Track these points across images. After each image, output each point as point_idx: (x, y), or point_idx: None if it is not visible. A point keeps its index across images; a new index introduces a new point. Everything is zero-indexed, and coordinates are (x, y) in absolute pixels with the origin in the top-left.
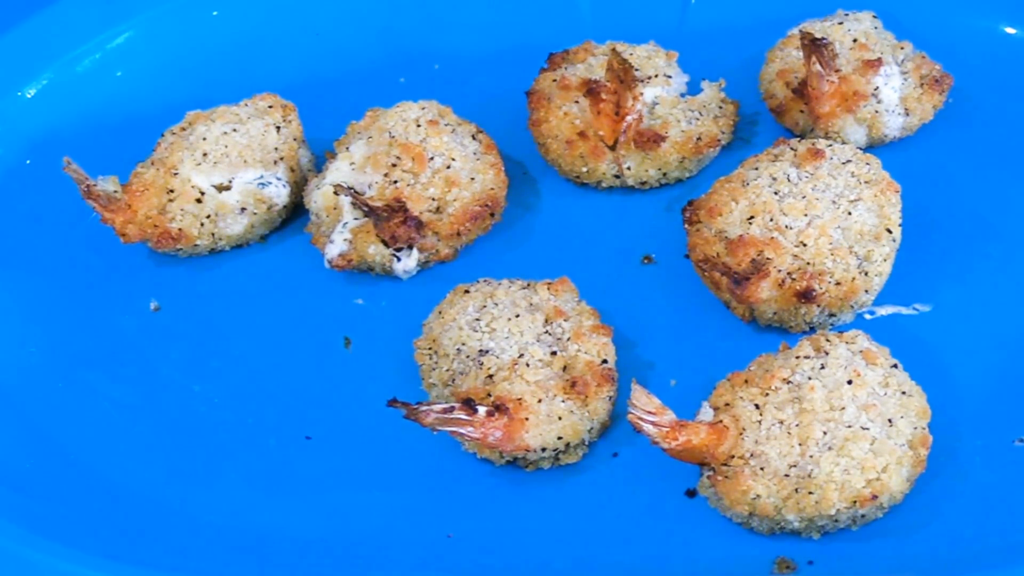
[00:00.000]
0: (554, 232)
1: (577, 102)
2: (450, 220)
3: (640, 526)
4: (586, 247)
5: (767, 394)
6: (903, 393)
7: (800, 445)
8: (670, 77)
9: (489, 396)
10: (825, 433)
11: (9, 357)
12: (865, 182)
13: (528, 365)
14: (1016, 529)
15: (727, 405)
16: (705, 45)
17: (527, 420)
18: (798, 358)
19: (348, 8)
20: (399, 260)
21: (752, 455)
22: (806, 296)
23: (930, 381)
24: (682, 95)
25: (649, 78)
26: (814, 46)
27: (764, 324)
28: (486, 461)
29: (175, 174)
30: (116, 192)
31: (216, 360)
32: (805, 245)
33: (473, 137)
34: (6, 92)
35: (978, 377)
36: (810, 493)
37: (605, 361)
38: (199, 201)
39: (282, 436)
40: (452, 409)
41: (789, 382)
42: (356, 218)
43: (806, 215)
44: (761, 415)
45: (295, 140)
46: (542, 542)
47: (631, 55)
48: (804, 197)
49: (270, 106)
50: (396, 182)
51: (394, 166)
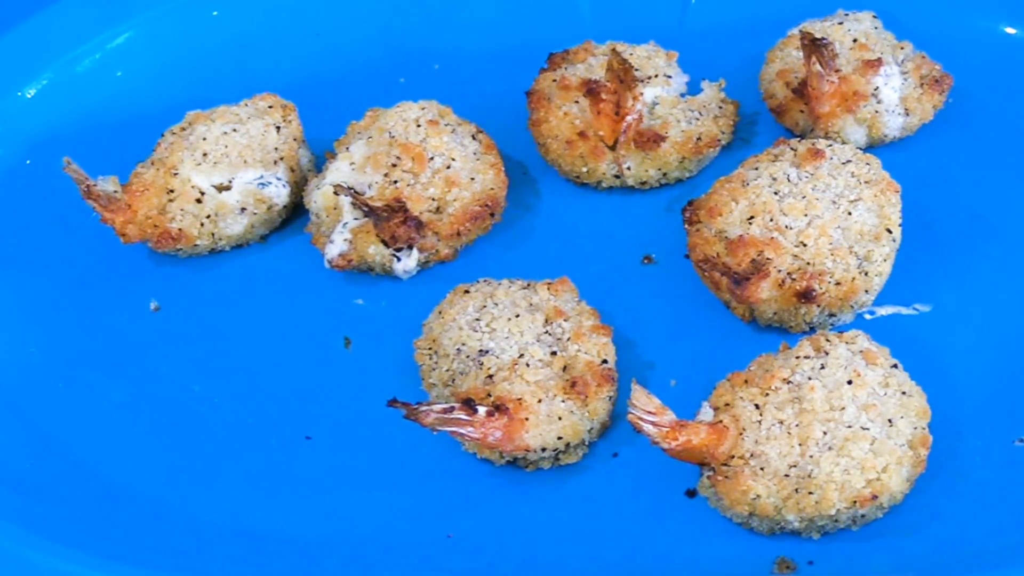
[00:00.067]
0: (554, 232)
1: (577, 102)
2: (450, 220)
3: (640, 526)
4: (586, 247)
5: (767, 394)
6: (903, 393)
7: (800, 445)
8: (670, 77)
9: (489, 396)
10: (825, 433)
11: (9, 357)
12: (865, 182)
13: (528, 365)
14: (1016, 529)
15: (727, 405)
16: (705, 45)
17: (527, 420)
18: (798, 358)
19: (348, 8)
20: (399, 260)
21: (752, 455)
22: (806, 296)
23: (930, 381)
24: (682, 95)
25: (649, 78)
26: (814, 46)
27: (764, 324)
28: (486, 461)
29: (175, 174)
30: (116, 192)
31: (216, 360)
32: (805, 245)
33: (473, 137)
34: (6, 92)
35: (978, 377)
36: (810, 493)
37: (605, 361)
38: (199, 201)
39: (282, 436)
40: (452, 409)
41: (789, 382)
42: (356, 218)
43: (806, 215)
44: (761, 415)
45: (295, 140)
46: (542, 542)
47: (631, 55)
48: (804, 197)
49: (270, 106)
50: (396, 182)
51: (394, 166)
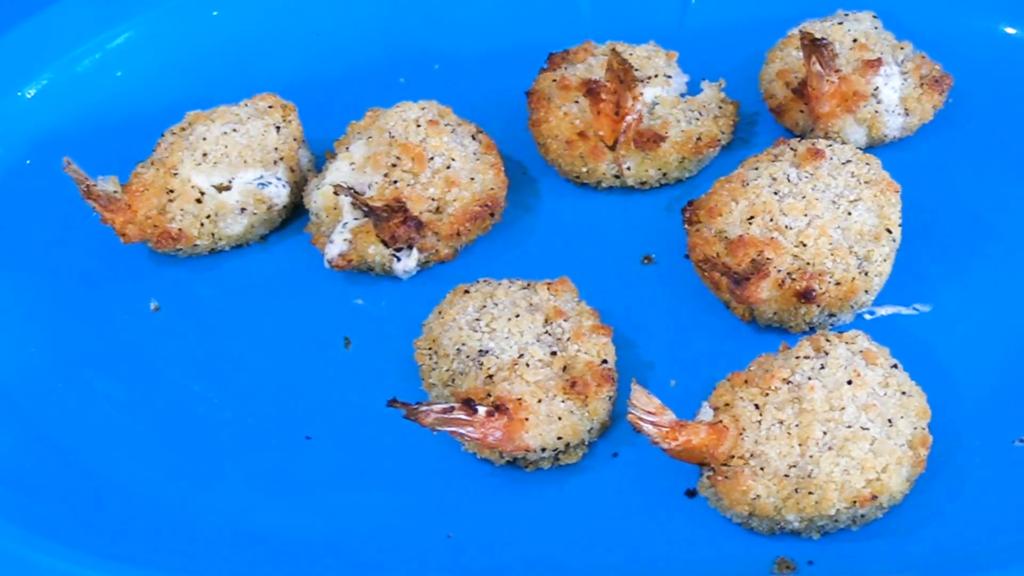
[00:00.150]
0: (554, 232)
1: (577, 102)
2: (450, 220)
3: (640, 526)
4: (586, 247)
5: (767, 394)
6: (903, 393)
7: (800, 445)
8: (670, 77)
9: (489, 396)
10: (825, 433)
11: (9, 357)
12: (865, 182)
13: (528, 365)
14: (1016, 529)
15: (727, 405)
16: (705, 45)
17: (527, 420)
18: (798, 358)
19: (348, 8)
20: (399, 260)
21: (752, 455)
22: (806, 296)
23: (930, 381)
24: (682, 95)
25: (649, 78)
26: (814, 46)
27: (764, 324)
28: (486, 461)
29: (175, 174)
30: (116, 192)
31: (216, 360)
32: (805, 245)
33: (473, 137)
34: (6, 92)
35: (978, 377)
36: (810, 493)
37: (605, 361)
38: (199, 201)
39: (282, 436)
40: (452, 409)
41: (789, 382)
42: (356, 218)
43: (806, 215)
44: (761, 415)
45: (295, 140)
46: (542, 542)
47: (631, 55)
48: (804, 197)
49: (270, 106)
50: (396, 182)
51: (394, 166)
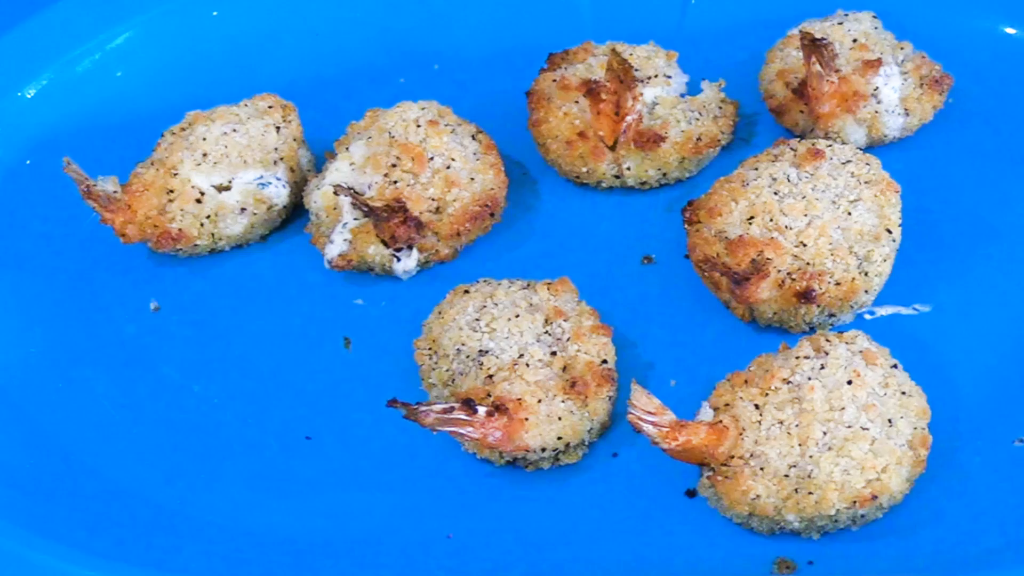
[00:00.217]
0: (554, 232)
1: (577, 102)
2: (450, 220)
3: (640, 526)
4: (586, 247)
5: (767, 394)
6: (903, 393)
7: (800, 445)
8: (670, 77)
9: (489, 396)
10: (825, 433)
11: (9, 357)
12: (865, 182)
13: (528, 365)
14: (1016, 529)
15: (727, 405)
16: (705, 45)
17: (527, 420)
18: (798, 358)
19: (348, 8)
20: (399, 260)
21: (752, 455)
22: (806, 296)
23: (930, 381)
24: (682, 95)
25: (649, 78)
26: (814, 46)
27: (764, 324)
28: (486, 461)
29: (175, 174)
30: (116, 192)
31: (216, 360)
32: (805, 245)
33: (473, 137)
34: (6, 92)
35: (978, 377)
36: (810, 493)
37: (605, 361)
38: (199, 201)
39: (282, 436)
40: (452, 409)
41: (789, 382)
42: (356, 218)
43: (806, 215)
44: (761, 415)
45: (295, 140)
46: (542, 542)
47: (631, 55)
48: (804, 197)
49: (270, 106)
50: (396, 182)
51: (394, 166)
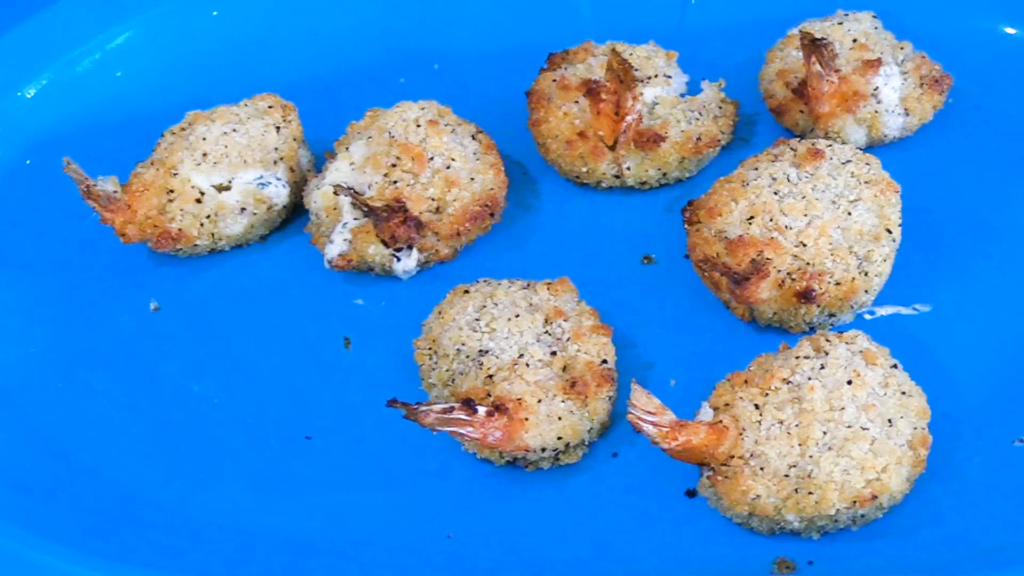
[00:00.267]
0: (554, 232)
1: (577, 102)
2: (450, 220)
3: (640, 526)
4: (586, 247)
5: (767, 394)
6: (903, 393)
7: (800, 445)
8: (670, 77)
9: (489, 396)
10: (825, 433)
11: (9, 357)
12: (865, 182)
13: (528, 365)
14: (1016, 529)
15: (727, 405)
16: (705, 45)
17: (527, 420)
18: (798, 358)
19: (348, 8)
20: (399, 260)
21: (752, 455)
22: (806, 296)
23: (930, 381)
24: (682, 95)
25: (649, 78)
26: (814, 46)
27: (764, 324)
28: (486, 461)
29: (175, 174)
30: (116, 192)
31: (216, 360)
32: (805, 245)
33: (473, 137)
34: (6, 92)
35: (978, 377)
36: (810, 493)
37: (605, 361)
38: (199, 201)
39: (282, 436)
40: (452, 409)
41: (789, 382)
42: (356, 218)
43: (806, 215)
44: (761, 415)
45: (295, 140)
46: (542, 542)
47: (631, 55)
48: (804, 197)
49: (270, 106)
50: (396, 182)
51: (394, 166)
